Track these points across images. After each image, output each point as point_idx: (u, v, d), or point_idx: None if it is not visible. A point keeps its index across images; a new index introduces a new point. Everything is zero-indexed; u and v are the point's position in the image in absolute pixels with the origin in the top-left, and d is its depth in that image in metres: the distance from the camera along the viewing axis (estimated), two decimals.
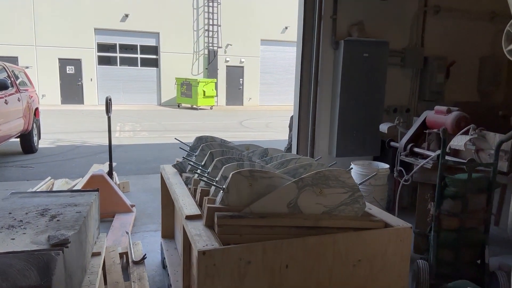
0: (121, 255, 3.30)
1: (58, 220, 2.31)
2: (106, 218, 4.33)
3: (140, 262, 3.13)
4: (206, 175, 2.44)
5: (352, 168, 3.14)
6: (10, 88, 6.97)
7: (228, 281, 1.81)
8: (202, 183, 2.48)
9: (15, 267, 1.65)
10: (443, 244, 2.95)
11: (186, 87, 21.32)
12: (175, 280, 2.64)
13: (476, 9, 5.21)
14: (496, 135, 3.30)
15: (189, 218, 2.11)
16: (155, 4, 21.95)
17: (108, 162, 5.62)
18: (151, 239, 3.91)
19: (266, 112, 21.09)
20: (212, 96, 21.41)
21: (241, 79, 24.83)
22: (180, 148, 3.34)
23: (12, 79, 7.39)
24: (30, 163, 7.40)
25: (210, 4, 23.16)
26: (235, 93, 24.80)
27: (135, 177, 6.42)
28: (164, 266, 3.23)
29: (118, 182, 5.53)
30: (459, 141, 3.31)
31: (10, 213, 2.43)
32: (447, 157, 3.01)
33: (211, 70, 23.73)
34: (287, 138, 7.35)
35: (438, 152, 3.37)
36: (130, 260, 3.18)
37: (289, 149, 6.33)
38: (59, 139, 10.36)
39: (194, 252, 1.79)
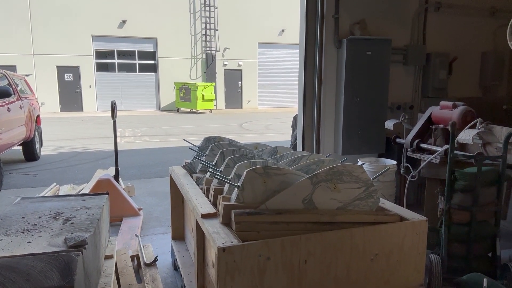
0: (132, 257, 3.30)
1: (72, 223, 2.31)
2: (114, 222, 4.32)
3: (152, 264, 3.13)
4: (218, 173, 2.45)
5: (364, 164, 3.15)
6: (12, 96, 6.96)
7: (248, 277, 1.81)
8: (214, 182, 2.48)
9: (37, 268, 1.65)
10: (454, 238, 2.96)
11: (185, 92, 21.34)
12: (189, 281, 2.63)
13: (476, 5, 5.24)
14: (503, 128, 3.31)
15: (205, 216, 2.11)
16: (152, 10, 22.00)
17: (114, 167, 5.61)
18: (160, 241, 3.91)
19: (265, 114, 21.12)
20: (211, 100, 21.43)
21: (239, 82, 24.87)
22: (190, 148, 3.35)
23: (13, 86, 7.39)
24: (34, 170, 7.40)
25: (207, 8, 23.23)
26: (234, 96, 24.84)
27: (139, 181, 6.41)
28: (175, 268, 3.23)
29: (123, 187, 5.53)
30: (466, 135, 3.32)
31: (23, 217, 2.43)
32: (455, 152, 3.02)
33: (209, 74, 23.78)
34: (290, 138, 7.37)
35: (446, 147, 3.39)
36: (141, 263, 3.18)
37: (293, 148, 6.35)
38: (61, 146, 10.35)
39: (214, 249, 1.80)
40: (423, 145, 3.76)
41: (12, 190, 5.92)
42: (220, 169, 2.52)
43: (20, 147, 8.14)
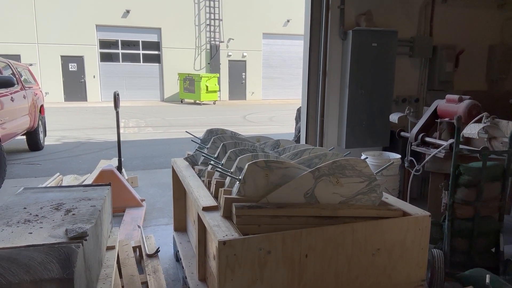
0: (134, 248, 3.31)
1: (73, 214, 2.31)
2: (117, 213, 4.34)
3: (154, 255, 3.14)
4: (220, 166, 2.43)
5: (367, 158, 3.13)
6: (15, 86, 6.97)
7: (249, 271, 1.81)
8: (216, 175, 2.47)
9: (37, 260, 1.65)
10: (458, 233, 2.94)
11: (189, 83, 21.28)
12: (190, 272, 2.64)
13: None
14: (509, 122, 3.27)
15: (206, 209, 2.10)
16: (156, 0, 21.87)
17: (117, 158, 5.61)
18: (162, 232, 3.92)
19: (269, 106, 21.05)
20: (215, 91, 21.37)
21: (243, 74, 24.76)
22: (192, 140, 3.33)
23: (17, 76, 7.39)
24: (37, 160, 7.43)
25: None
26: (237, 88, 24.75)
27: (142, 172, 6.43)
28: (177, 259, 3.24)
29: (126, 177, 5.54)
30: (472, 130, 3.28)
31: (25, 208, 2.43)
32: (460, 146, 2.98)
33: (213, 65, 23.67)
34: (294, 131, 7.34)
35: (451, 141, 3.35)
36: (143, 254, 3.19)
37: (297, 141, 6.32)
38: (65, 136, 10.38)
39: (214, 242, 1.79)
40: (428, 139, 3.72)
41: (16, 180, 5.95)
42: (222, 162, 2.50)
43: (24, 137, 8.17)
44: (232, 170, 2.29)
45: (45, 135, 8.99)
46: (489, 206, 2.91)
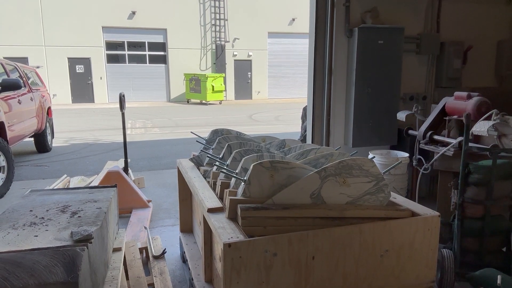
0: (140, 250, 3.31)
1: (79, 216, 2.31)
2: (124, 214, 4.34)
3: (160, 256, 3.13)
4: (225, 167, 2.41)
5: (374, 157, 3.09)
6: (22, 88, 7.02)
7: (254, 273, 1.78)
8: (221, 176, 2.45)
9: (41, 263, 1.64)
10: (468, 232, 2.89)
11: (195, 83, 21.31)
12: (197, 274, 2.62)
13: None
14: None
15: (211, 211, 2.08)
16: (161, 1, 21.92)
17: (124, 159, 5.62)
18: (169, 233, 3.91)
19: (275, 105, 21.00)
20: (221, 91, 21.38)
21: (249, 73, 24.73)
22: (196, 141, 3.32)
23: (24, 79, 7.44)
24: (45, 162, 7.48)
25: None
26: (243, 87, 24.73)
27: (149, 173, 6.44)
28: (184, 260, 3.22)
29: (133, 178, 5.55)
30: (481, 127, 3.22)
31: (31, 210, 2.43)
32: (469, 144, 2.93)
33: (219, 64, 23.68)
34: (300, 130, 7.30)
35: (460, 139, 3.29)
36: (150, 255, 3.18)
37: (303, 140, 6.28)
38: (72, 138, 10.45)
39: (220, 245, 1.77)
40: (436, 137, 3.67)
41: (24, 181, 5.99)
42: (227, 163, 2.48)
43: (32, 139, 8.23)
44: (237, 171, 2.27)
45: (52, 136, 9.06)
46: (499, 205, 2.85)
